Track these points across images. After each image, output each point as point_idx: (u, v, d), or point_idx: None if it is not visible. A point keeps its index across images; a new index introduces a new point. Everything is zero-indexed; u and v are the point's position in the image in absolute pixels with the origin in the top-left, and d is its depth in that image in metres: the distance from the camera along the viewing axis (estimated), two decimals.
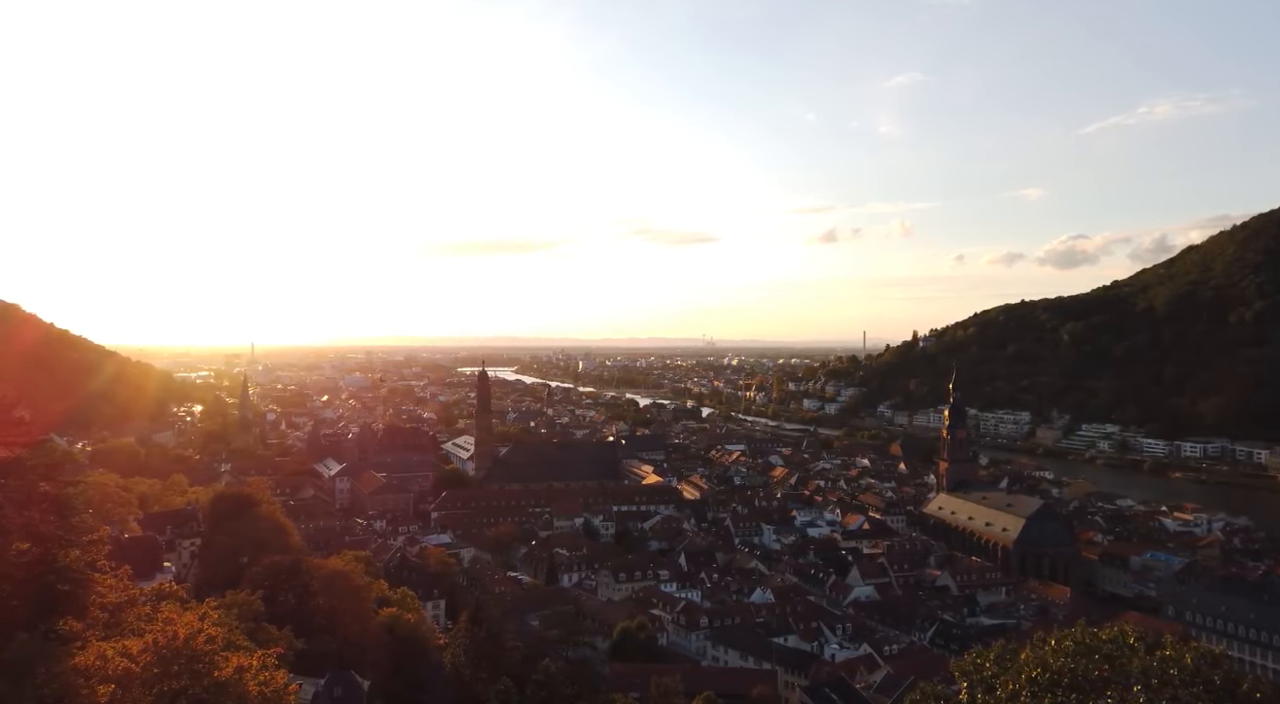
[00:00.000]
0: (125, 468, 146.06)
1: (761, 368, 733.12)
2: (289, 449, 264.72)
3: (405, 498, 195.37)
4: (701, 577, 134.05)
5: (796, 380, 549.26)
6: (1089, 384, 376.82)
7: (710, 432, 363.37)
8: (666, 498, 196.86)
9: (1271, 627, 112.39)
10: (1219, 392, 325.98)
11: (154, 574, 71.34)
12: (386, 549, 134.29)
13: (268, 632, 56.97)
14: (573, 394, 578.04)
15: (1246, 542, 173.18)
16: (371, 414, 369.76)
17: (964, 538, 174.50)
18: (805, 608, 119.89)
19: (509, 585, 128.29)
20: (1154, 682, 18.11)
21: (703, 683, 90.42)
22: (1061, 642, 19.66)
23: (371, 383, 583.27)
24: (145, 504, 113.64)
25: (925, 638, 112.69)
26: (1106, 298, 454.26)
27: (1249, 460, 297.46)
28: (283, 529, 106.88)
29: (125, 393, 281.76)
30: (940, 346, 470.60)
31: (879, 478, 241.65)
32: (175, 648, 24.16)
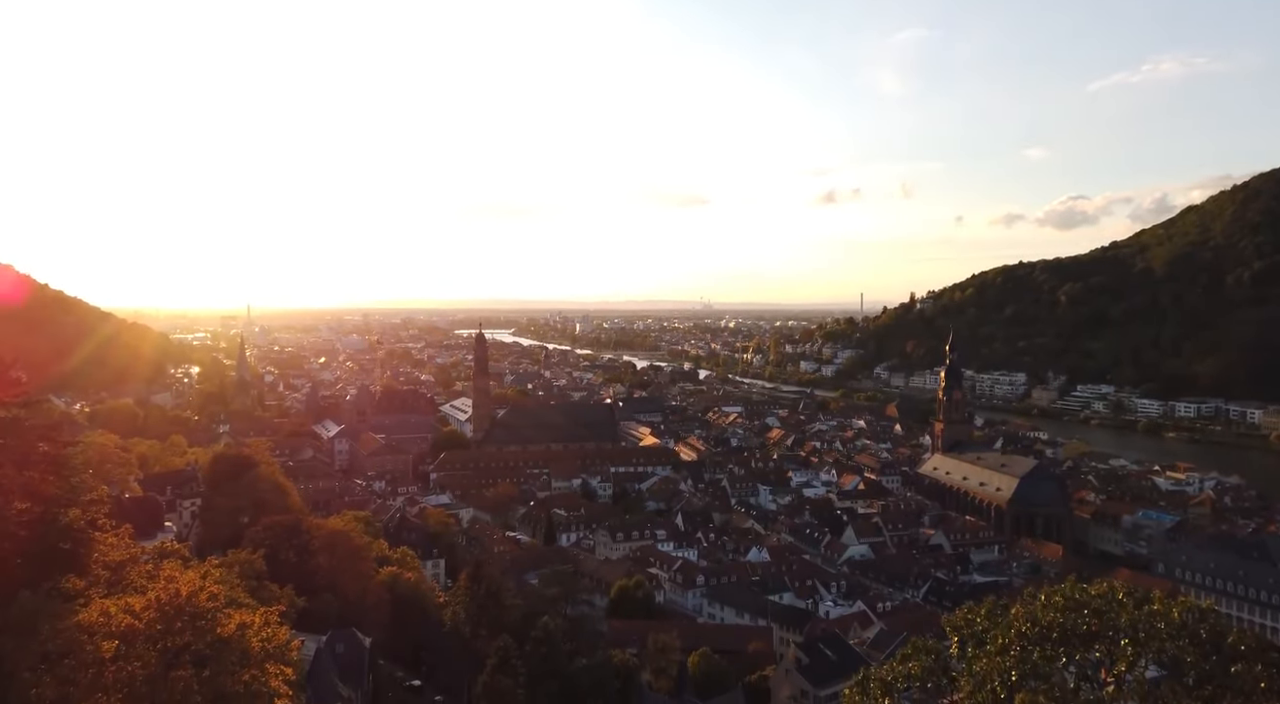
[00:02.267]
0: (124, 429, 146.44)
1: (758, 330, 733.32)
2: (287, 411, 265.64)
3: (404, 459, 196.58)
4: (698, 536, 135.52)
5: (794, 342, 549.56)
6: (1086, 345, 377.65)
7: (707, 394, 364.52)
8: (664, 459, 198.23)
9: (1259, 583, 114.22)
10: (1215, 352, 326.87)
11: (155, 533, 72.00)
12: (386, 509, 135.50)
13: (269, 590, 57.67)
14: (570, 356, 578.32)
15: (1238, 500, 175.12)
16: (369, 376, 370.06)
17: (958, 497, 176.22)
18: (800, 566, 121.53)
19: (508, 545, 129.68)
20: (1141, 635, 18.42)
21: (699, 639, 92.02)
22: (1051, 597, 19.96)
23: (369, 345, 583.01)
24: (145, 465, 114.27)
25: (919, 595, 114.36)
26: (1105, 259, 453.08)
27: (1243, 420, 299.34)
28: (282, 490, 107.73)
29: (122, 354, 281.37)
30: (938, 309, 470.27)
31: (875, 439, 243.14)
32: (178, 605, 24.45)
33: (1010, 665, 18.79)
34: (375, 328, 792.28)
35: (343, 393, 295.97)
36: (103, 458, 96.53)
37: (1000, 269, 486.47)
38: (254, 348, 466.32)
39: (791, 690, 78.45)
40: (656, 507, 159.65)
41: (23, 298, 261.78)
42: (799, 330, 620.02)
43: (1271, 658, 16.93)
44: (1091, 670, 19.49)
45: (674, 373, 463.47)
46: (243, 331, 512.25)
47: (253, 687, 25.13)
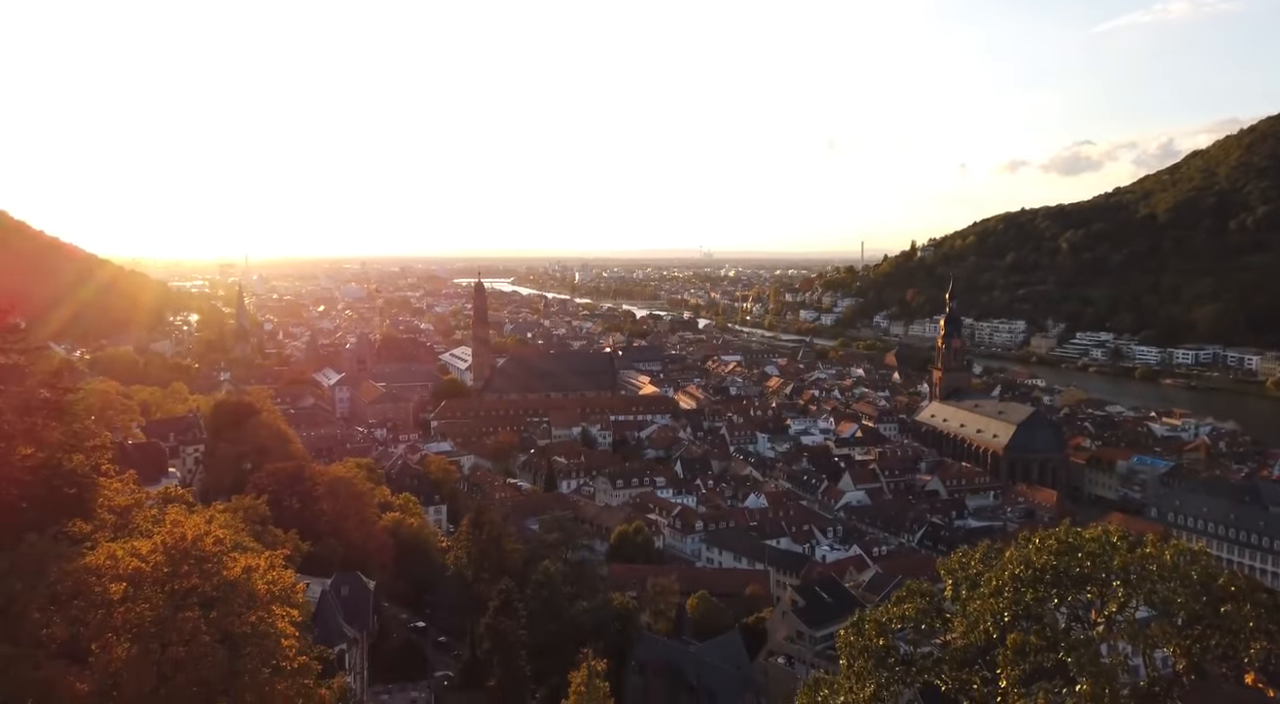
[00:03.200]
0: (124, 376, 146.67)
1: (758, 279, 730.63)
2: (287, 359, 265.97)
3: (405, 407, 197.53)
4: (697, 483, 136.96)
5: (793, 291, 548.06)
6: (1086, 292, 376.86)
7: (707, 342, 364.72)
8: (663, 408, 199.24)
9: (1251, 526, 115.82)
10: (1216, 299, 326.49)
11: (159, 479, 72.57)
12: (388, 457, 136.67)
13: (274, 535, 58.39)
14: (569, 306, 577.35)
15: (1232, 445, 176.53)
16: (368, 325, 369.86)
17: (955, 445, 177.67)
18: (798, 512, 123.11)
19: (509, 492, 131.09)
20: (1133, 577, 18.69)
21: (698, 583, 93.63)
22: (1045, 541, 20.22)
23: (367, 294, 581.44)
24: (146, 412, 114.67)
25: (914, 540, 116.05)
26: (1108, 205, 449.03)
27: (1240, 366, 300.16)
28: (284, 437, 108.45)
29: (120, 302, 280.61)
30: (939, 256, 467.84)
31: (873, 387, 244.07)
32: (184, 548, 24.76)
33: (1003, 607, 19.12)
34: (373, 277, 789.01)
35: (342, 341, 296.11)
36: (104, 405, 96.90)
37: (1002, 216, 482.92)
38: (252, 296, 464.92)
39: (788, 632, 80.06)
40: (656, 454, 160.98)
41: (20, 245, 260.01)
42: (799, 279, 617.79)
43: (1260, 599, 17.22)
44: (1083, 611, 19.84)
45: (673, 322, 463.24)
46: (241, 280, 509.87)
47: (260, 627, 25.63)
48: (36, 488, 27.12)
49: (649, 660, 73.50)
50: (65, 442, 28.85)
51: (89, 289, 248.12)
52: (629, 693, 73.51)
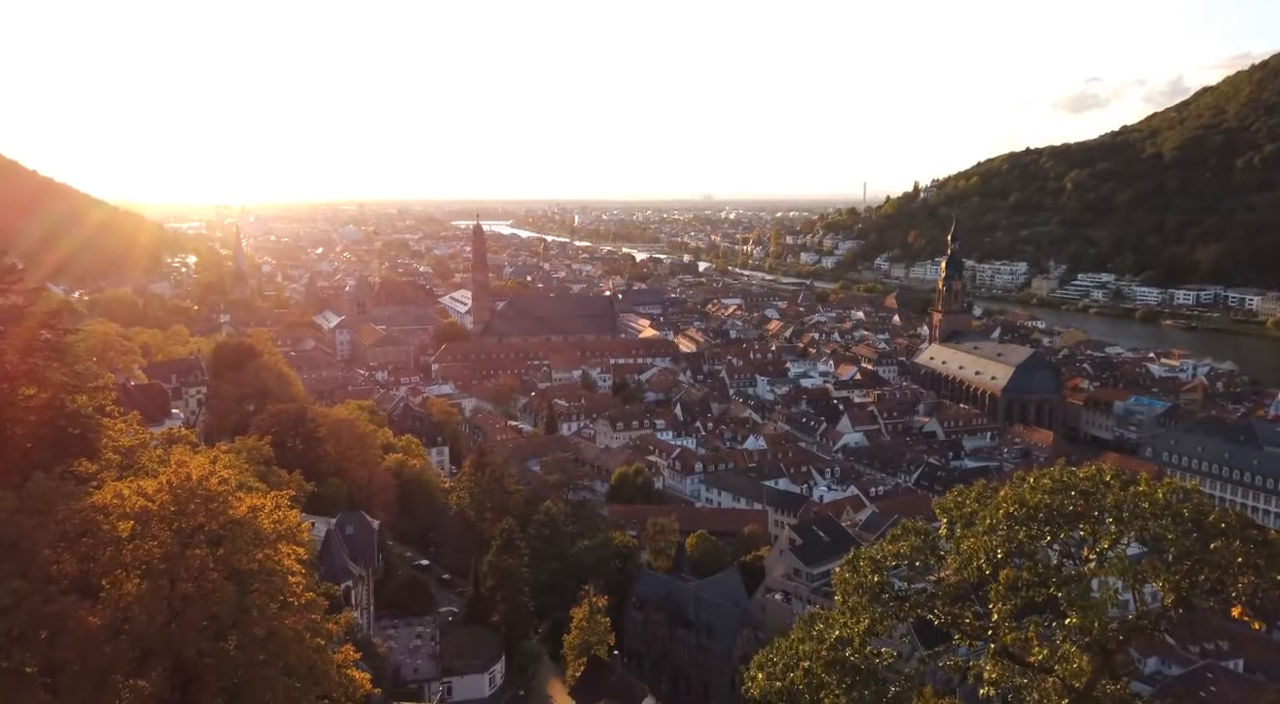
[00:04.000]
0: (124, 318, 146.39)
1: (759, 222, 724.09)
2: (286, 301, 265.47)
3: (405, 350, 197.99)
4: (696, 425, 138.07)
5: (794, 234, 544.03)
6: (1089, 233, 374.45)
7: (707, 286, 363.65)
8: (663, 351, 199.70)
9: (1244, 465, 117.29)
10: (1219, 238, 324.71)
11: (162, 420, 73.16)
12: (389, 399, 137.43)
13: (278, 475, 59.05)
14: (569, 248, 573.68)
15: (1230, 386, 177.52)
16: (367, 267, 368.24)
17: (954, 386, 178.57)
18: (796, 453, 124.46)
19: (510, 434, 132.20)
20: (1125, 515, 18.91)
21: (697, 522, 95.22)
22: (1040, 480, 20.39)
23: (365, 236, 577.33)
24: (147, 353, 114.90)
25: (911, 480, 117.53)
26: (1114, 144, 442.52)
27: (1241, 307, 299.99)
28: (286, 379, 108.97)
29: (117, 243, 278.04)
30: (942, 197, 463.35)
31: (873, 330, 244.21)
32: (190, 488, 25.07)
33: (996, 544, 19.43)
34: (371, 219, 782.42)
35: (341, 284, 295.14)
36: (105, 346, 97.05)
37: (1006, 156, 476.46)
38: (249, 238, 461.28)
39: (785, 569, 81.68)
40: (656, 397, 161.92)
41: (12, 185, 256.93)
42: (800, 221, 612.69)
43: (1250, 535, 17.49)
44: (1075, 548, 20.18)
45: (673, 265, 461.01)
46: (238, 222, 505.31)
47: (267, 565, 26.14)
48: (41, 428, 27.35)
49: (649, 596, 75.20)
50: (68, 382, 28.97)
51: (84, 230, 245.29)
52: (629, 628, 75.43)
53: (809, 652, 19.96)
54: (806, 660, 19.76)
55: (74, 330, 34.25)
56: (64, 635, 21.02)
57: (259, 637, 24.20)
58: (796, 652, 20.17)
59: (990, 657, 19.93)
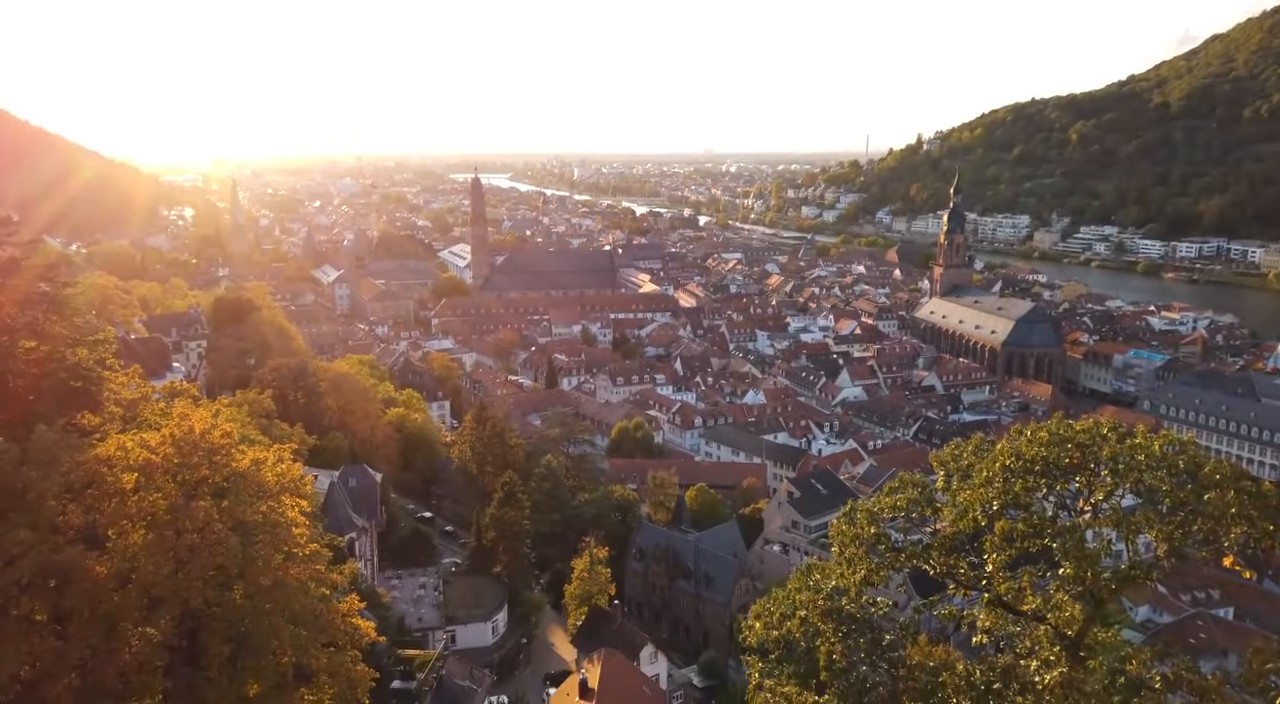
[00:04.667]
0: (122, 271, 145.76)
1: (760, 175, 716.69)
2: (285, 255, 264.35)
3: (405, 305, 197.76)
4: (696, 380, 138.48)
5: (796, 187, 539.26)
6: (1093, 185, 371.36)
7: (707, 240, 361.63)
8: (663, 306, 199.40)
9: (1242, 417, 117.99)
10: (1224, 190, 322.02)
11: (164, 373, 73.29)
12: (390, 354, 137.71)
13: (280, 428, 59.43)
14: (568, 202, 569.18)
15: (1229, 339, 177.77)
16: (365, 221, 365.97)
17: (954, 340, 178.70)
18: (795, 408, 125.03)
19: (510, 388, 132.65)
20: (1121, 467, 19.02)
21: (697, 476, 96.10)
22: (1036, 433, 20.44)
23: (363, 189, 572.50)
24: (146, 307, 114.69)
25: (909, 434, 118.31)
26: (1120, 94, 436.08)
27: (1243, 259, 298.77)
28: (286, 333, 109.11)
29: (113, 196, 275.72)
30: (945, 149, 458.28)
31: (874, 284, 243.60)
32: (193, 441, 25.24)
33: (992, 496, 19.59)
34: (369, 172, 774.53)
35: (339, 237, 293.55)
36: (104, 299, 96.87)
37: (1010, 107, 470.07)
38: (247, 191, 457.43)
39: (783, 522, 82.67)
40: (656, 352, 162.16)
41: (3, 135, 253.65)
42: (802, 175, 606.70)
43: (1244, 486, 17.60)
44: (1070, 500, 20.36)
45: (674, 219, 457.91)
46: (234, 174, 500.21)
47: (271, 517, 26.42)
48: (43, 381, 27.36)
49: (649, 548, 76.25)
50: (68, 335, 28.92)
51: (78, 181, 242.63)
52: (629, 578, 76.61)
53: (806, 601, 20.28)
54: (803, 610, 20.09)
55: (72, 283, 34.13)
56: (72, 584, 21.35)
57: (265, 586, 24.56)
58: (793, 601, 20.49)
59: (984, 606, 20.26)
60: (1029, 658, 19.13)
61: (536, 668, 63.90)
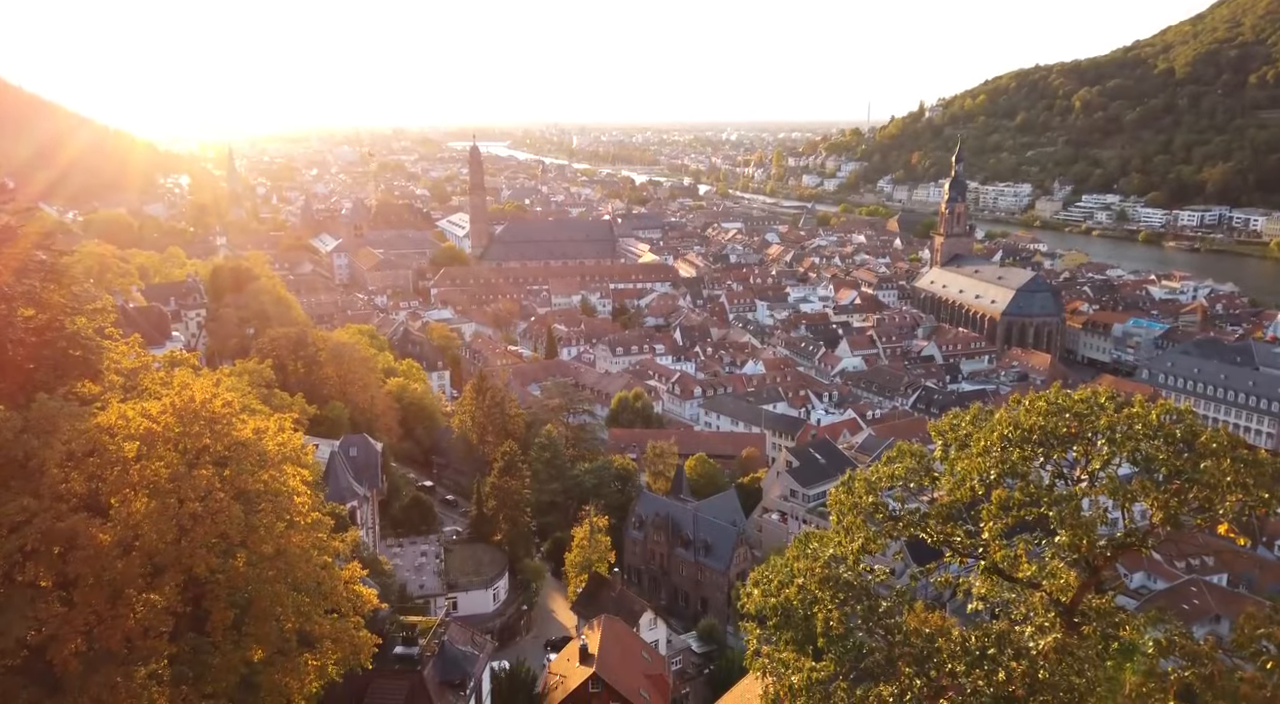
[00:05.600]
0: (120, 239, 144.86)
1: (761, 143, 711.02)
2: (282, 224, 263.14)
3: (404, 274, 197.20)
4: (696, 350, 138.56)
5: (796, 155, 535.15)
6: (1095, 153, 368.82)
7: (707, 209, 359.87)
8: (663, 276, 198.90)
9: (1240, 386, 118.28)
10: (1227, 158, 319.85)
11: (163, 343, 73.24)
12: (389, 324, 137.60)
13: (280, 398, 59.56)
14: (567, 171, 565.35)
15: (1229, 307, 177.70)
16: (363, 189, 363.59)
17: (954, 310, 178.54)
18: (795, 378, 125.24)
19: (510, 358, 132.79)
20: (1118, 436, 19.07)
21: (696, 445, 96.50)
22: (1034, 402, 20.47)
23: (361, 157, 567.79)
24: (145, 276, 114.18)
25: (908, 404, 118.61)
26: (1126, 60, 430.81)
27: (1245, 227, 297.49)
28: (285, 302, 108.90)
29: (109, 163, 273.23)
30: (947, 117, 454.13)
31: (874, 254, 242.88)
32: (194, 410, 25.29)
33: (990, 465, 19.68)
34: (366, 139, 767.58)
35: (337, 206, 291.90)
36: (102, 268, 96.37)
37: (1014, 74, 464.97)
38: (243, 158, 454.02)
39: (782, 491, 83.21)
40: (655, 322, 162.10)
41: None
42: (803, 142, 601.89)
43: (1240, 454, 17.68)
44: (1067, 469, 20.46)
45: (673, 188, 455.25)
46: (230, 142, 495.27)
47: (272, 485, 26.57)
48: (42, 349, 27.32)
49: (649, 516, 76.82)
50: (66, 304, 28.83)
51: (74, 149, 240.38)
52: (629, 546, 77.29)
53: (803, 569, 20.45)
54: (801, 577, 20.27)
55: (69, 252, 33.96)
56: (76, 551, 21.51)
57: (267, 554, 24.77)
58: (791, 569, 20.66)
59: (980, 573, 20.45)
60: (1024, 624, 19.36)
61: (537, 634, 64.70)
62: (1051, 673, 17.15)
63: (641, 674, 49.59)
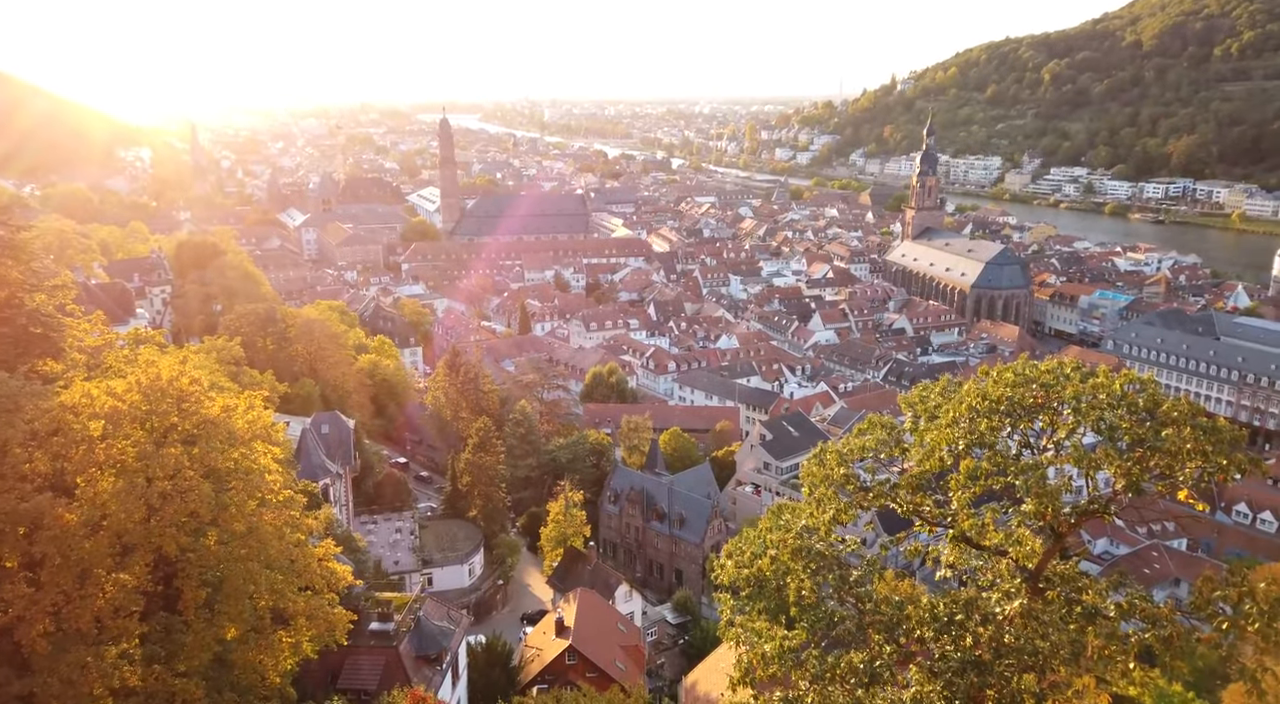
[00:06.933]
0: (79, 214, 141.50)
1: (734, 116, 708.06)
2: (249, 198, 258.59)
3: (374, 249, 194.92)
4: (670, 325, 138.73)
5: (769, 129, 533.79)
6: (1064, 126, 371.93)
7: (680, 183, 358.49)
8: (636, 250, 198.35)
9: (1201, 356, 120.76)
10: (1191, 130, 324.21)
11: (127, 320, 71.95)
12: (360, 299, 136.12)
13: (250, 375, 58.86)
14: (539, 145, 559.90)
15: (1192, 278, 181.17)
16: (331, 163, 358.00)
17: (925, 283, 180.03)
18: (768, 352, 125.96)
19: (484, 334, 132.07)
20: (1083, 405, 19.37)
21: (670, 419, 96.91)
22: (1002, 374, 20.68)
23: (328, 130, 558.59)
24: (107, 252, 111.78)
25: (879, 376, 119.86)
26: (1094, 32, 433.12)
27: (1208, 199, 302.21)
28: (253, 278, 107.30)
29: (67, 136, 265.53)
30: (919, 90, 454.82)
31: (846, 227, 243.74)
32: (161, 388, 24.93)
33: (958, 436, 19.93)
34: (333, 112, 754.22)
35: (304, 180, 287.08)
36: (62, 243, 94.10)
37: (985, 46, 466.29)
38: (207, 131, 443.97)
39: (755, 463, 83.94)
40: (629, 297, 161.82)
41: None
42: (775, 116, 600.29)
43: (1199, 422, 18.04)
44: (1034, 439, 20.79)
45: (646, 162, 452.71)
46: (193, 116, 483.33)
47: (243, 464, 26.36)
48: (1, 327, 26.79)
49: (624, 490, 77.20)
50: (25, 281, 28.24)
51: (29, 120, 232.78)
52: (604, 520, 77.70)
53: (776, 541, 20.64)
54: (774, 548, 20.46)
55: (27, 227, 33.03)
56: (41, 531, 21.23)
57: (239, 532, 24.63)
58: (765, 541, 20.84)
59: (948, 541, 20.79)
60: (990, 590, 19.74)
61: (514, 608, 65.04)
62: (1017, 637, 17.54)
63: (617, 646, 50.12)
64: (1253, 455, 18.24)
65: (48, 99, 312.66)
